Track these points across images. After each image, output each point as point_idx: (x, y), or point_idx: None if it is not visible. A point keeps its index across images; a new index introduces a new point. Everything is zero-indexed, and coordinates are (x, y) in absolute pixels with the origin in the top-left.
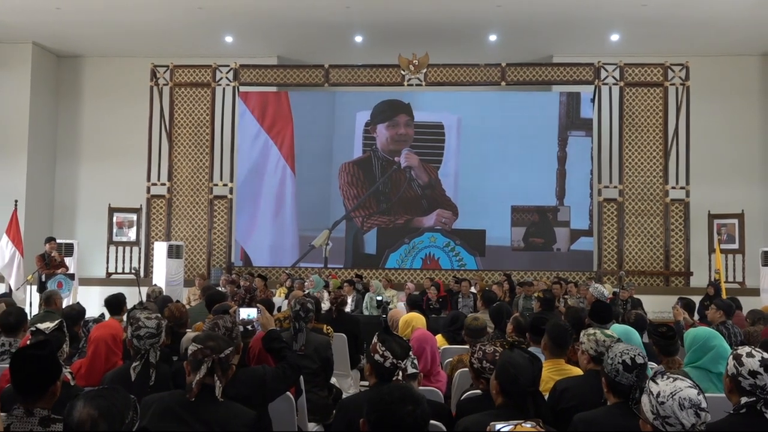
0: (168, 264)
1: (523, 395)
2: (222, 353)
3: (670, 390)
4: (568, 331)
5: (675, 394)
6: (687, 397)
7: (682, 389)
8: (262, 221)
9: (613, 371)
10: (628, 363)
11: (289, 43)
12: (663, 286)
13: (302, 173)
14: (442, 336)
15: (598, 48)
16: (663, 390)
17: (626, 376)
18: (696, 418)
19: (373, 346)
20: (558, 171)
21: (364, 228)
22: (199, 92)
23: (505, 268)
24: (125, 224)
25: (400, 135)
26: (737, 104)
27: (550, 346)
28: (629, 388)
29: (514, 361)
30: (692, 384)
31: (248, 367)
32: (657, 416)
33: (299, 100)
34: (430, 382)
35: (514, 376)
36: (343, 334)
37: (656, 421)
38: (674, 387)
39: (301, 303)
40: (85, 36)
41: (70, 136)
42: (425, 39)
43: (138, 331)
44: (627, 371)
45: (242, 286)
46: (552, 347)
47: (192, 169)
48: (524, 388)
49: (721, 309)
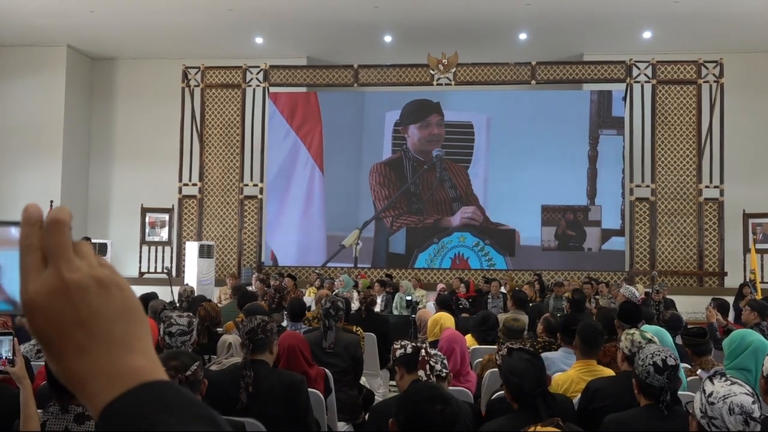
0: (199, 263)
1: (532, 399)
2: (188, 371)
3: (724, 392)
4: (598, 331)
5: (727, 398)
6: (739, 403)
7: (737, 394)
8: (291, 221)
9: (644, 373)
10: (659, 365)
11: (318, 43)
12: (696, 286)
13: (331, 173)
14: (471, 336)
15: (630, 45)
16: (717, 391)
17: (657, 378)
18: (744, 426)
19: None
20: (589, 170)
21: (393, 228)
22: (230, 93)
23: (535, 268)
24: (157, 224)
25: (432, 135)
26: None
27: (581, 347)
28: (660, 390)
29: (514, 368)
30: (749, 391)
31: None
32: (704, 415)
33: (328, 100)
34: (460, 383)
35: (517, 384)
36: (373, 333)
37: (703, 419)
38: (728, 390)
39: (332, 301)
40: (118, 39)
41: (103, 138)
42: (454, 38)
43: (170, 328)
44: (658, 373)
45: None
46: (583, 348)
47: (223, 169)
48: (530, 392)
49: (756, 310)
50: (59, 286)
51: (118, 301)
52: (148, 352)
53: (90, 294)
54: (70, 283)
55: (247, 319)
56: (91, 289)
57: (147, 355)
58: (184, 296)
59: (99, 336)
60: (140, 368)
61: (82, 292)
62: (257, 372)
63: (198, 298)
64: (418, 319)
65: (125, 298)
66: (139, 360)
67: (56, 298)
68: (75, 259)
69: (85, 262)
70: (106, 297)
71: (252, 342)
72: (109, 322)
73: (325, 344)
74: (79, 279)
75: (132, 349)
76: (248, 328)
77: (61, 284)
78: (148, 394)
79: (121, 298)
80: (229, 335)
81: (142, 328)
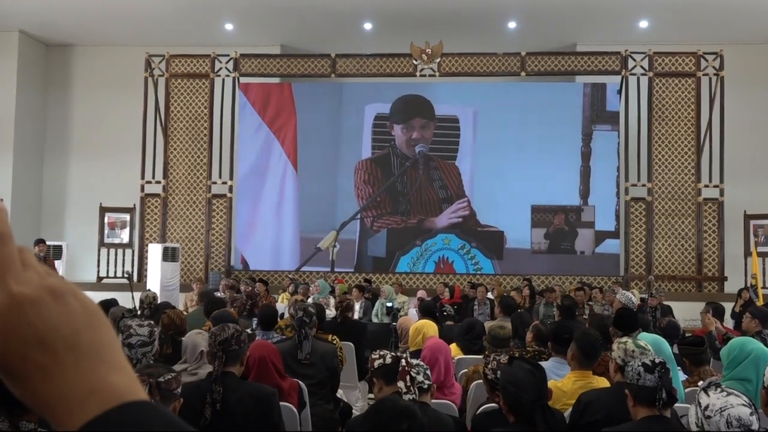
0: (163, 267)
1: (531, 412)
2: (161, 377)
3: (720, 405)
4: (599, 340)
5: (724, 410)
6: (737, 415)
7: (734, 406)
8: (263, 222)
9: (635, 376)
10: (648, 364)
11: (292, 30)
12: (695, 291)
13: (306, 170)
14: (456, 345)
15: (626, 35)
16: (713, 403)
17: (648, 377)
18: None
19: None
20: (582, 168)
21: (373, 229)
22: (197, 83)
23: (524, 272)
24: (117, 225)
25: (413, 139)
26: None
27: (579, 357)
28: (653, 390)
29: (513, 378)
30: (747, 402)
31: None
32: (701, 430)
33: (303, 91)
34: (444, 395)
35: (515, 395)
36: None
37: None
38: (725, 402)
39: (303, 308)
40: (75, 24)
41: (58, 131)
42: (439, 26)
43: (129, 339)
44: (648, 372)
45: (243, 292)
46: (581, 358)
47: (189, 166)
48: (529, 404)
49: (757, 317)
50: (9, 303)
51: (77, 310)
52: (122, 363)
53: (46, 307)
54: (21, 298)
55: (219, 328)
56: (46, 302)
57: (122, 367)
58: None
59: (63, 352)
60: (118, 385)
61: (36, 306)
62: (225, 385)
63: (161, 305)
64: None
65: (84, 304)
66: (115, 375)
67: (8, 317)
68: (23, 272)
69: (32, 272)
70: (63, 307)
71: (225, 353)
72: (72, 334)
73: (300, 355)
74: (31, 293)
75: (104, 360)
76: (222, 338)
77: (11, 301)
78: (129, 416)
79: (79, 305)
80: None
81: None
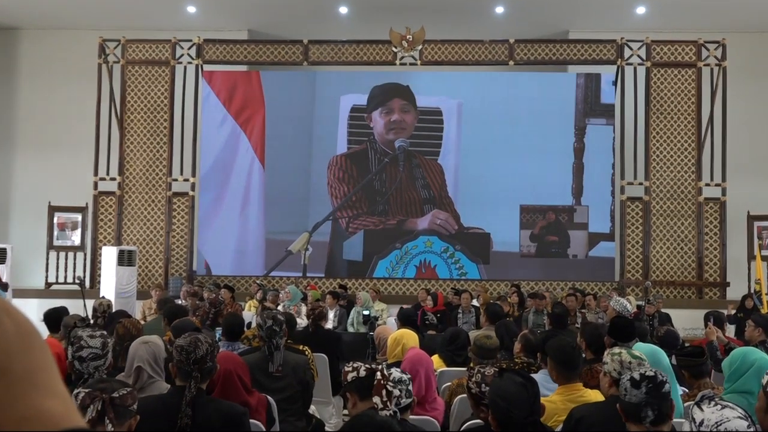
0: (118, 272)
1: (521, 428)
2: (114, 392)
3: (716, 419)
4: (574, 348)
5: (720, 424)
6: (734, 429)
7: (730, 419)
8: (228, 222)
9: (623, 392)
10: (635, 378)
11: (261, 14)
12: (695, 298)
13: (275, 167)
14: (439, 356)
15: (622, 22)
16: (707, 418)
17: (634, 392)
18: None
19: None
20: (574, 165)
21: (349, 231)
22: (156, 71)
23: (512, 277)
24: (68, 226)
25: (393, 122)
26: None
27: (558, 370)
28: (638, 406)
29: (504, 392)
30: (743, 414)
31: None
32: None
33: (273, 80)
34: (425, 410)
35: (505, 409)
36: (322, 353)
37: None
38: (720, 416)
39: (272, 317)
40: (22, 4)
41: (2, 123)
42: (421, 11)
43: (80, 352)
44: (634, 387)
45: (206, 299)
46: (560, 370)
47: (147, 161)
48: (520, 421)
49: (761, 326)
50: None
51: (10, 330)
52: (58, 388)
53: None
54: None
55: (191, 343)
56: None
57: (58, 393)
58: (99, 311)
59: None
60: (52, 413)
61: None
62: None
63: (116, 313)
64: (377, 336)
65: (18, 323)
66: (50, 401)
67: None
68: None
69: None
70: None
71: (201, 372)
72: (3, 358)
73: (271, 368)
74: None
75: (38, 386)
76: (198, 355)
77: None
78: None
79: (13, 326)
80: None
81: (45, 355)
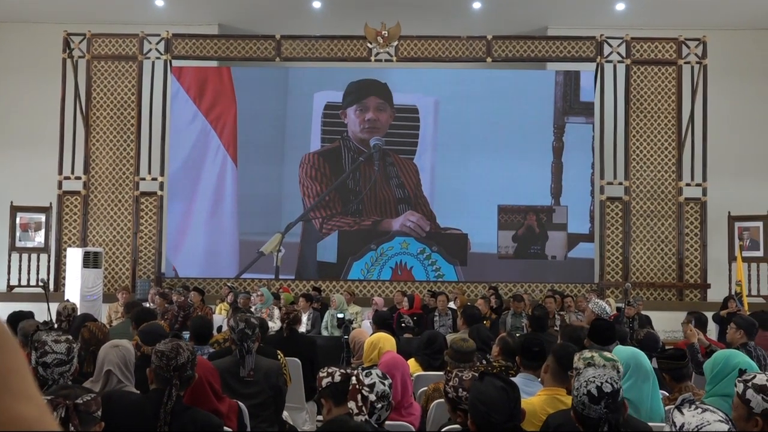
0: (83, 275)
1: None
2: (78, 399)
3: (696, 422)
4: None
5: (701, 428)
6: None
7: (711, 423)
8: (198, 223)
9: (580, 404)
10: (593, 393)
11: (232, 8)
12: (676, 300)
13: (246, 165)
14: (415, 360)
15: (601, 19)
16: (688, 422)
17: (593, 408)
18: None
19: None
20: (553, 164)
21: (322, 231)
22: (123, 67)
23: (490, 279)
24: (31, 226)
25: (368, 121)
26: (763, 87)
27: (556, 370)
28: (597, 421)
29: (484, 396)
30: (723, 417)
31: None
32: None
33: (244, 77)
34: (401, 416)
35: (485, 414)
36: (296, 358)
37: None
38: (701, 420)
39: (245, 320)
40: None
41: None
42: (396, 6)
43: (44, 358)
44: (593, 402)
45: (175, 302)
46: (558, 371)
47: (113, 159)
48: (500, 425)
49: (743, 328)
50: None
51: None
52: (31, 391)
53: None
54: None
55: (172, 349)
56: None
57: (31, 396)
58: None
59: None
60: (26, 417)
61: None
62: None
63: (82, 317)
64: (352, 340)
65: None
66: (23, 405)
67: None
68: None
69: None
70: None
71: (180, 380)
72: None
73: (243, 372)
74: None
75: (10, 389)
76: (179, 362)
77: None
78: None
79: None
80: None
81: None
